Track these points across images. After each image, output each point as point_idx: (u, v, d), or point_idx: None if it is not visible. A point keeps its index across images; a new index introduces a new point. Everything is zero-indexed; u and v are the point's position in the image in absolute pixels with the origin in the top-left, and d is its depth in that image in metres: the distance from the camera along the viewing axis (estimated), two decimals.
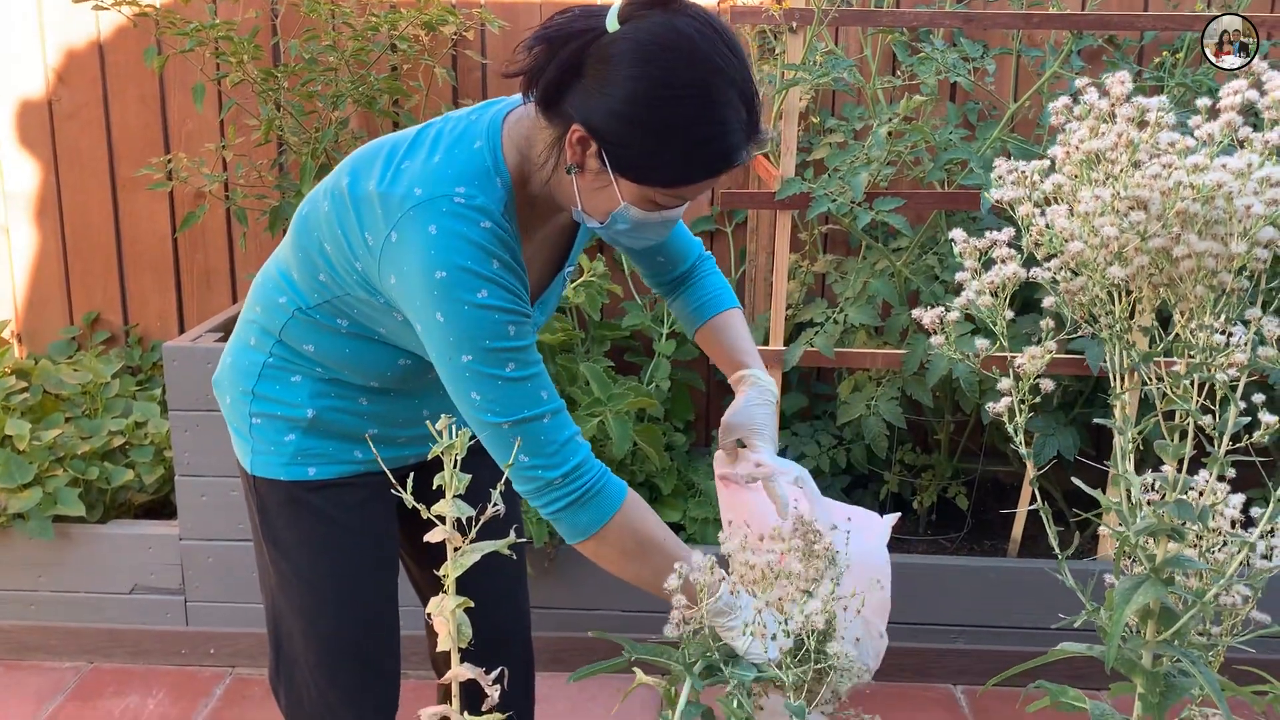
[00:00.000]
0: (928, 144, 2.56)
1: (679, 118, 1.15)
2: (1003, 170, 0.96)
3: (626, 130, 1.16)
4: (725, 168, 1.19)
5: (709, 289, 1.61)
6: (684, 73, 1.14)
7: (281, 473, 1.44)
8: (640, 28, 1.15)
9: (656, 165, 1.19)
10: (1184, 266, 0.92)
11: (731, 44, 1.16)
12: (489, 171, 1.25)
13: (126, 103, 3.11)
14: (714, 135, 1.16)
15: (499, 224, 1.24)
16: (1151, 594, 1.01)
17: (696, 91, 1.14)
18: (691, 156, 1.18)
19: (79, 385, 2.84)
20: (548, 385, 1.27)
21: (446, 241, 1.20)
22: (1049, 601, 2.35)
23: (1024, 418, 1.01)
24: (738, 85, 1.16)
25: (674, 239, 1.57)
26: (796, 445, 2.93)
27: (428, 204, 1.22)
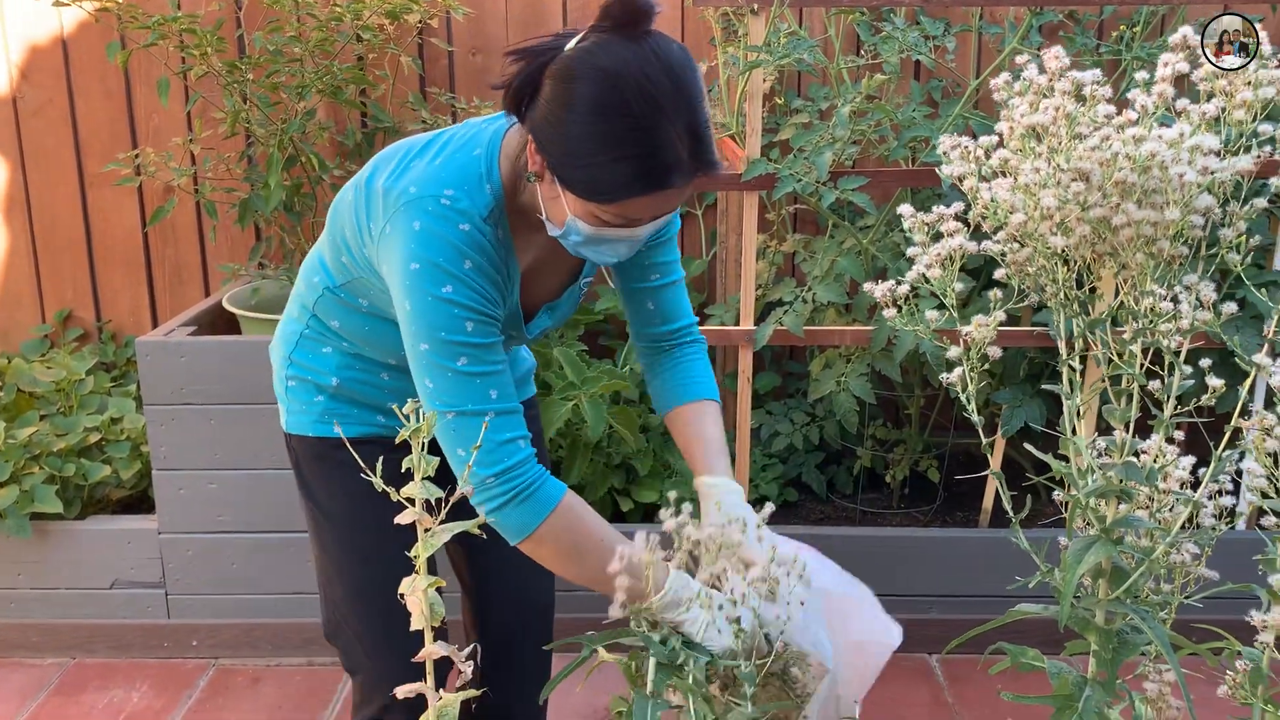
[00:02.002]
0: (891, 122, 2.59)
1: (600, 136, 1.19)
2: (947, 146, 0.98)
3: (560, 144, 1.22)
4: (649, 188, 1.21)
5: (692, 373, 1.60)
6: (615, 95, 1.17)
7: (310, 429, 1.57)
8: (590, 49, 1.20)
9: (584, 180, 1.23)
10: (1124, 235, 0.94)
11: (678, 74, 1.19)
12: (480, 177, 1.33)
13: (91, 98, 3.10)
14: (634, 156, 1.19)
15: (479, 228, 1.31)
16: (1102, 553, 1.04)
17: (625, 114, 1.17)
18: (612, 174, 1.21)
19: (53, 383, 2.84)
20: (501, 387, 1.33)
21: (425, 238, 1.29)
22: (1020, 570, 2.39)
23: (975, 386, 1.04)
24: (676, 113, 1.18)
25: (670, 294, 1.58)
26: (770, 424, 2.96)
27: (417, 202, 1.30)
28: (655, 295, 1.57)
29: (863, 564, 2.57)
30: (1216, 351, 1.25)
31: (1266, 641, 1.01)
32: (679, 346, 1.62)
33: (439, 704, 1.12)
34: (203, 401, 2.51)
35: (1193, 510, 1.14)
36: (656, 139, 1.18)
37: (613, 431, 2.69)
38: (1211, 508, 1.18)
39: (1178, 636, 1.21)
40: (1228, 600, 1.38)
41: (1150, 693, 1.30)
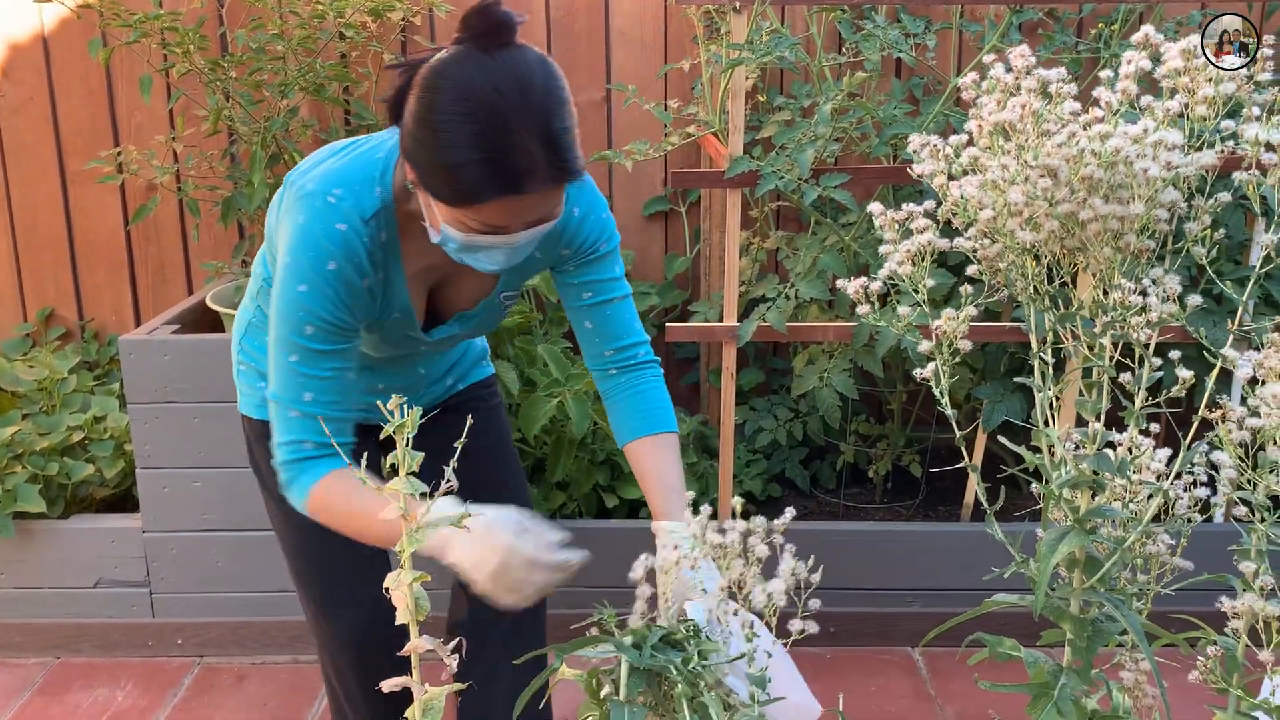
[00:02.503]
0: (873, 120, 2.60)
1: (454, 144, 1.23)
2: (917, 145, 1.00)
3: (418, 153, 1.27)
4: (500, 192, 1.24)
5: (649, 402, 1.60)
6: (461, 104, 1.22)
7: (256, 412, 1.67)
8: (444, 60, 1.25)
9: (441, 187, 1.27)
10: (1091, 229, 0.96)
11: (527, 84, 1.23)
12: (371, 180, 1.38)
13: (73, 96, 3.09)
14: (480, 160, 1.22)
15: (356, 228, 1.36)
16: (1075, 543, 1.06)
17: (470, 121, 1.22)
18: (460, 179, 1.25)
19: (35, 382, 2.83)
20: (319, 392, 1.39)
21: (301, 234, 1.36)
22: (1000, 563, 2.41)
23: (949, 381, 1.06)
24: (526, 121, 1.22)
25: (609, 311, 1.58)
26: (754, 420, 2.98)
27: (307, 198, 1.37)
28: (591, 314, 1.58)
29: (845, 558, 2.60)
30: (1191, 345, 1.27)
31: (1238, 628, 1.03)
32: (630, 370, 1.61)
33: (425, 697, 1.13)
34: (186, 400, 2.51)
35: (1168, 501, 1.15)
36: (504, 145, 1.22)
37: (597, 428, 2.70)
38: (1187, 499, 1.20)
39: (1153, 626, 1.22)
40: (1204, 592, 1.39)
41: (1126, 681, 1.31)
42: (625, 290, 1.60)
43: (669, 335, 2.52)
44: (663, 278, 3.19)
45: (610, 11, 3.05)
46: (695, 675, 1.16)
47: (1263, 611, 0.97)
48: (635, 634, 1.23)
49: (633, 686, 1.17)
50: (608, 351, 1.60)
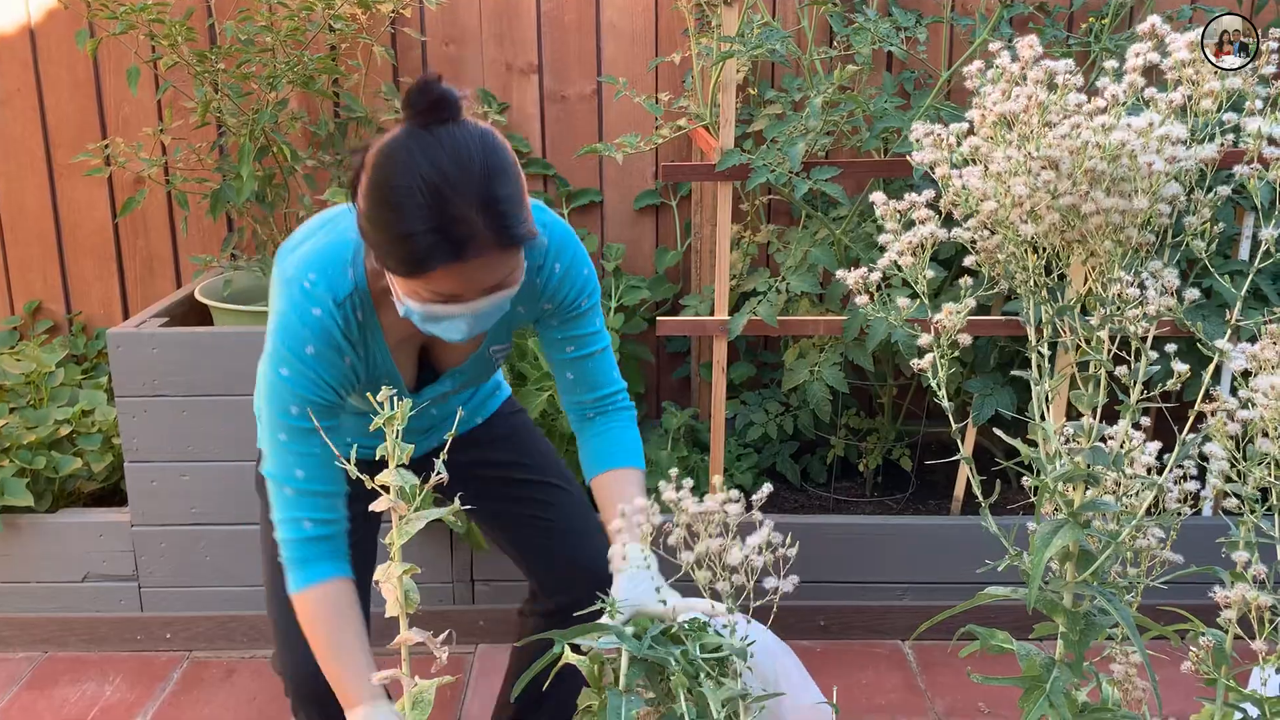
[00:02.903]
0: (864, 113, 2.60)
1: (395, 218, 1.28)
2: (919, 133, 1.00)
3: (367, 230, 1.33)
4: (443, 260, 1.29)
5: (619, 440, 1.66)
6: (399, 179, 1.27)
7: None
8: (389, 140, 1.30)
9: (390, 260, 1.32)
10: (1093, 223, 0.96)
11: (465, 156, 1.28)
12: (345, 264, 1.45)
13: (60, 88, 3.07)
14: (421, 232, 1.27)
15: (331, 312, 1.43)
16: (1069, 536, 1.06)
17: (407, 195, 1.27)
18: (404, 250, 1.29)
19: (22, 375, 2.81)
20: (310, 469, 1.44)
21: (282, 320, 1.43)
22: (991, 557, 2.43)
23: (946, 373, 1.06)
24: (464, 191, 1.27)
25: (590, 365, 1.64)
26: (745, 414, 2.98)
27: (285, 284, 1.45)
28: (573, 366, 1.64)
29: (836, 552, 2.61)
30: (1184, 339, 1.28)
31: (1230, 618, 1.03)
32: (605, 414, 1.67)
33: (414, 690, 1.13)
34: (175, 393, 2.50)
35: (1158, 495, 1.16)
36: (442, 216, 1.26)
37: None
38: (1176, 492, 1.20)
39: (1143, 619, 1.23)
40: (1193, 585, 1.40)
41: (1117, 674, 1.32)
42: (605, 342, 1.66)
43: (659, 329, 2.52)
44: (653, 271, 3.18)
45: (601, 4, 3.04)
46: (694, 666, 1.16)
47: (1255, 601, 0.97)
48: (638, 625, 1.23)
49: (632, 676, 1.18)
50: (587, 400, 1.67)
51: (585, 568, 1.77)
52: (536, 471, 1.84)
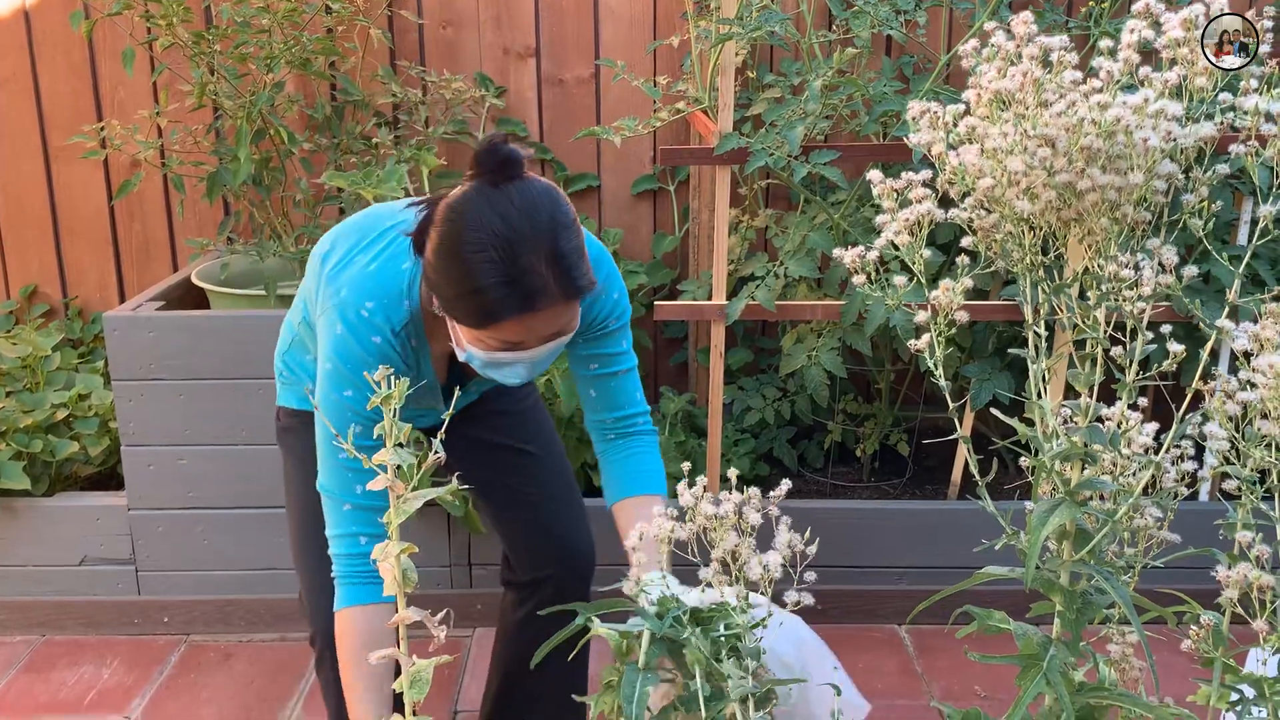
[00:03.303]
0: (863, 97, 2.60)
1: (466, 273, 1.33)
2: (915, 112, 0.99)
3: (436, 282, 1.38)
4: (512, 312, 1.34)
5: (641, 466, 1.68)
6: (471, 234, 1.33)
7: (295, 401, 1.76)
8: (457, 196, 1.37)
9: (459, 312, 1.38)
10: (1088, 200, 0.96)
11: (534, 211, 1.34)
12: (400, 294, 1.48)
13: (56, 71, 3.06)
14: (492, 285, 1.32)
15: (389, 341, 1.48)
16: (1066, 515, 1.06)
17: (478, 250, 1.32)
18: (475, 303, 1.35)
19: (18, 359, 2.81)
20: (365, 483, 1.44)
21: (340, 344, 1.47)
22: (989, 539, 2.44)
23: (943, 352, 1.06)
24: (534, 245, 1.32)
25: (613, 384, 1.67)
26: (742, 399, 2.98)
27: (342, 307, 1.48)
28: (595, 384, 1.67)
29: (832, 536, 2.60)
30: (1181, 325, 1.28)
31: (1231, 597, 1.03)
32: (626, 437, 1.69)
33: (412, 669, 1.13)
34: (172, 377, 2.49)
35: (1155, 475, 1.15)
36: (514, 269, 1.32)
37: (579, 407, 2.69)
38: (1174, 473, 1.20)
39: (1141, 598, 1.23)
40: (1190, 570, 1.40)
41: (1114, 654, 1.32)
42: (631, 364, 1.68)
43: (657, 313, 2.51)
44: (651, 257, 3.18)
45: None
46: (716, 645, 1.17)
47: (1257, 581, 0.97)
48: (662, 604, 1.24)
49: (652, 654, 1.19)
50: (608, 419, 1.69)
51: (558, 542, 1.83)
52: (529, 444, 1.86)
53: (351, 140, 2.88)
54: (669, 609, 1.26)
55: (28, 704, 2.35)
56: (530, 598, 1.87)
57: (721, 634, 1.24)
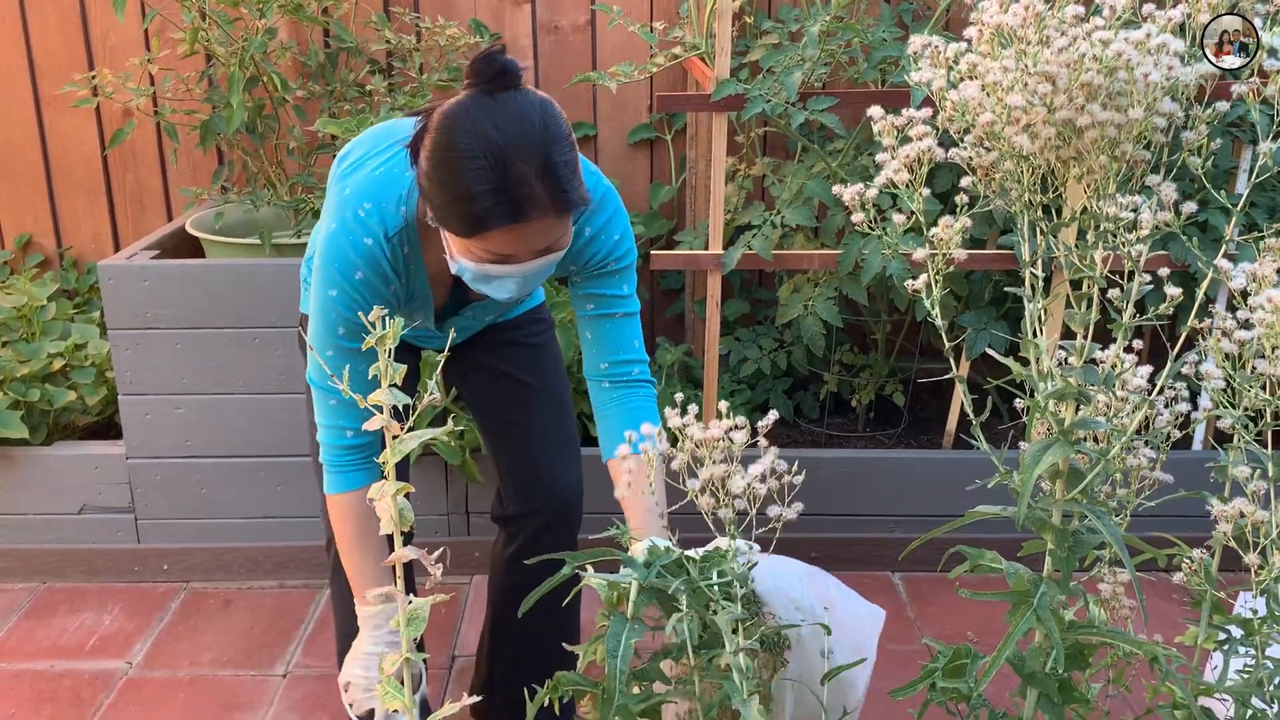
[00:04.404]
0: (861, 44, 2.57)
1: (458, 179, 1.33)
2: (917, 46, 0.98)
3: (428, 190, 1.38)
4: (502, 221, 1.34)
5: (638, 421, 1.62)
6: (466, 141, 1.32)
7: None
8: (451, 105, 1.36)
9: (450, 219, 1.37)
10: (1088, 137, 0.95)
11: (527, 121, 1.33)
12: (398, 199, 1.48)
13: (45, 18, 3.02)
14: (483, 193, 1.32)
15: (382, 243, 1.47)
16: (1060, 454, 1.07)
17: (472, 157, 1.32)
18: (464, 210, 1.34)
19: (14, 309, 2.80)
20: (353, 382, 1.46)
21: (333, 241, 1.48)
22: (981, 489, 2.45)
23: (940, 291, 1.05)
24: (526, 155, 1.32)
25: (609, 327, 1.65)
26: (739, 350, 2.98)
27: (342, 205, 1.48)
28: (592, 325, 1.66)
29: (828, 486, 2.62)
30: (1176, 274, 1.28)
31: (1225, 531, 1.04)
32: (623, 386, 1.67)
33: (410, 607, 1.14)
34: (167, 326, 2.49)
35: (1149, 416, 1.16)
36: (504, 178, 1.31)
37: (579, 358, 2.69)
38: (1168, 414, 1.21)
39: (1132, 538, 1.24)
40: (1181, 518, 1.41)
41: (1104, 593, 1.34)
42: (631, 308, 1.66)
43: (653, 263, 2.51)
44: (647, 207, 3.16)
45: None
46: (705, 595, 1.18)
47: (1252, 516, 0.98)
48: (651, 554, 1.24)
49: (640, 604, 1.19)
50: (603, 364, 1.66)
51: (545, 478, 1.84)
52: (532, 378, 1.86)
53: (345, 87, 2.85)
54: (658, 558, 1.27)
55: (30, 649, 2.37)
56: (517, 535, 1.88)
57: (715, 581, 1.25)
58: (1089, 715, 1.32)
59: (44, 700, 2.21)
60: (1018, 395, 1.15)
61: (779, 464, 1.11)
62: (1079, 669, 1.21)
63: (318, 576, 2.64)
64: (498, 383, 1.84)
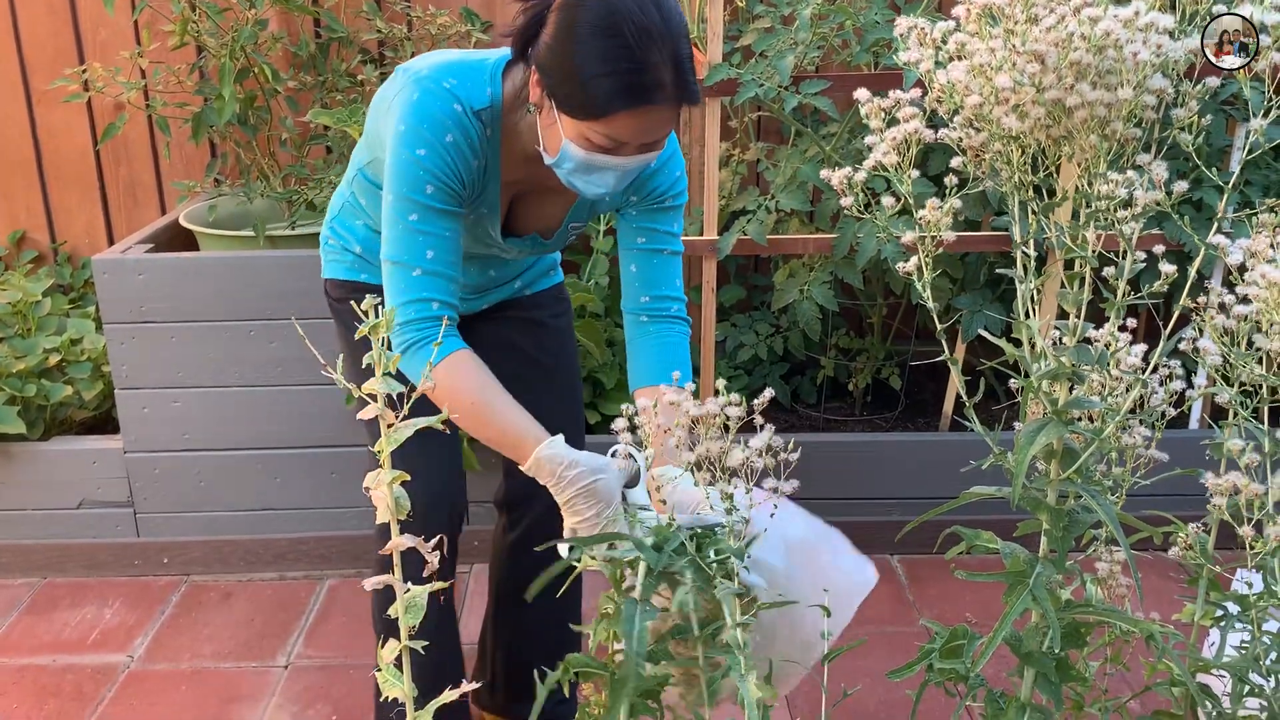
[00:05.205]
0: (854, 26, 2.56)
1: (593, 53, 1.32)
2: (903, 28, 0.98)
3: (559, 66, 1.36)
4: (633, 102, 1.34)
5: (672, 355, 1.67)
6: (610, 18, 1.32)
7: (343, 273, 1.76)
8: None
9: (575, 95, 1.35)
10: (1078, 116, 0.95)
11: (666, 9, 1.34)
12: (483, 81, 1.48)
13: (35, 12, 3.01)
14: (621, 71, 1.32)
15: (469, 114, 1.46)
16: (1054, 434, 1.07)
17: (611, 34, 1.31)
18: (600, 88, 1.33)
19: (9, 305, 2.80)
20: (440, 250, 1.46)
21: (419, 106, 1.45)
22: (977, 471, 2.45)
23: (930, 274, 1.05)
24: (662, 41, 1.33)
25: (657, 262, 1.65)
26: (735, 336, 2.98)
27: (423, 79, 1.47)
28: (638, 258, 1.65)
29: (825, 469, 2.63)
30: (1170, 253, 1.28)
31: (1220, 504, 1.04)
32: (661, 320, 1.67)
33: (407, 595, 1.14)
34: (162, 319, 2.49)
35: (1143, 394, 1.16)
36: (643, 59, 1.31)
37: (578, 344, 2.69)
38: (1162, 392, 1.21)
39: (1127, 517, 1.24)
40: (1176, 497, 1.42)
41: (1100, 572, 1.34)
42: (678, 248, 1.67)
43: None
44: None
45: None
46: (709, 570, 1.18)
47: (1246, 488, 0.98)
48: (657, 533, 1.24)
49: (649, 587, 1.19)
50: (644, 298, 1.66)
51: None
52: (545, 357, 1.85)
53: (337, 78, 2.84)
54: (665, 538, 1.27)
55: (32, 644, 2.38)
56: (518, 522, 1.88)
57: (713, 559, 1.25)
58: (1087, 694, 1.33)
59: (47, 695, 2.21)
60: (1012, 376, 1.15)
61: (775, 440, 1.12)
62: (1076, 648, 1.22)
63: (317, 568, 2.64)
64: (510, 354, 1.81)
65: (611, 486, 1.43)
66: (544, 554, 1.44)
